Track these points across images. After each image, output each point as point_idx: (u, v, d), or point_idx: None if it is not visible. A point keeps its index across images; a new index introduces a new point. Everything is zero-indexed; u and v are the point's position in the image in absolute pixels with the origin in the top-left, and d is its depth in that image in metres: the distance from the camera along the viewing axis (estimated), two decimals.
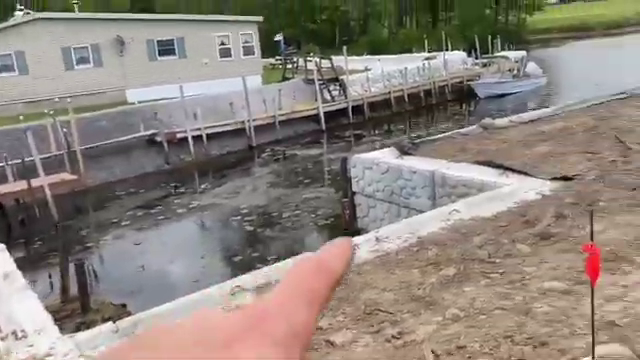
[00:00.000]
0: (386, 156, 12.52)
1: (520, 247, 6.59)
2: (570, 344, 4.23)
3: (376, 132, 29.01)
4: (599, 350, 3.60)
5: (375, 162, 12.37)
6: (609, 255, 5.69)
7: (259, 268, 12.47)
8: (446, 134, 14.06)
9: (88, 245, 15.29)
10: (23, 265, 14.00)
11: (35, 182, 16.76)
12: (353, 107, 30.45)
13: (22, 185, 16.73)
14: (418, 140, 13.39)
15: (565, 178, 9.25)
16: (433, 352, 4.38)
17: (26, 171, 17.23)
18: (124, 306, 10.84)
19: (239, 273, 12.50)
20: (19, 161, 18.28)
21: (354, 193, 13.30)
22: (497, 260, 6.34)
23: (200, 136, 24.76)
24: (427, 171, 11.12)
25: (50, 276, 12.37)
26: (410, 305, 5.57)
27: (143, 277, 12.40)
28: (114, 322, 6.07)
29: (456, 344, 4.53)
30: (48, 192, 16.97)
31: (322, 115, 29.02)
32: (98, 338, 5.68)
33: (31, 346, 5.65)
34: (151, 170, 23.40)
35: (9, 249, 16.24)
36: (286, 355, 0.33)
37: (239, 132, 26.42)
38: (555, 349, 4.20)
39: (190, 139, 24.29)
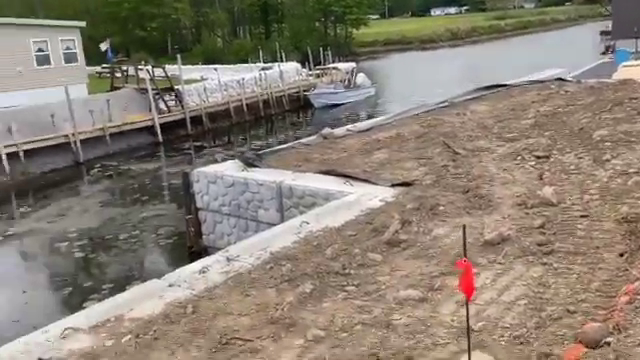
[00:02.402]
0: (230, 169, 12.08)
1: (372, 256, 6.61)
2: (435, 356, 4.21)
3: (216, 143, 28.34)
4: None
5: (219, 175, 11.85)
6: (457, 259, 5.89)
7: (94, 300, 11.21)
8: (289, 144, 14.02)
9: None
10: None
11: None
12: (191, 118, 29.43)
13: None
14: (262, 151, 13.14)
15: (405, 184, 9.63)
16: None
17: None
18: None
19: (70, 308, 11.11)
20: None
21: (198, 209, 12.63)
22: (351, 271, 6.27)
23: (16, 153, 21.98)
24: (273, 183, 10.90)
25: None
26: (269, 329, 5.23)
27: None
28: None
29: None
30: None
31: (158, 126, 27.57)
32: None
33: None
34: None
35: None
36: None
37: (63, 147, 23.97)
38: None
39: (4, 156, 21.43)
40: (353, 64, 39.37)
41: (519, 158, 9.85)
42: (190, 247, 13.04)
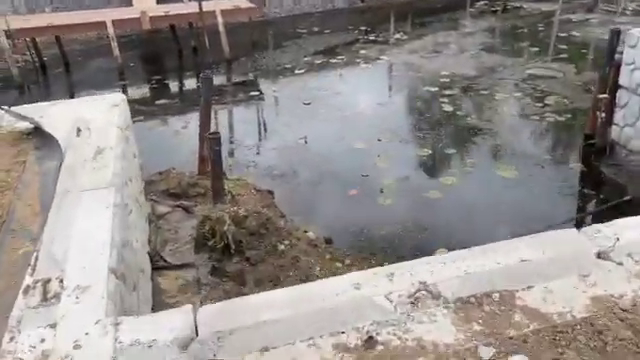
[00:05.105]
0: None
1: None
2: None
3: None
4: None
5: None
6: None
7: (446, 187, 8.94)
8: None
9: (252, 94, 12.97)
10: (176, 108, 12.22)
11: (207, 6, 14.43)
12: None
13: (195, 8, 14.52)
14: None
15: None
16: None
17: None
18: (270, 193, 8.36)
19: (424, 182, 9.20)
20: None
21: (619, 87, 8.74)
22: None
23: None
24: None
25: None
26: None
27: (303, 153, 9.75)
28: (195, 309, 3.32)
29: None
30: (220, 20, 14.63)
31: None
32: (152, 353, 2.99)
33: (51, 329, 3.17)
34: (341, 6, 19.96)
35: (179, 78, 14.75)
36: None
37: None
38: None
39: None
40: None
41: None
42: (588, 136, 9.52)
